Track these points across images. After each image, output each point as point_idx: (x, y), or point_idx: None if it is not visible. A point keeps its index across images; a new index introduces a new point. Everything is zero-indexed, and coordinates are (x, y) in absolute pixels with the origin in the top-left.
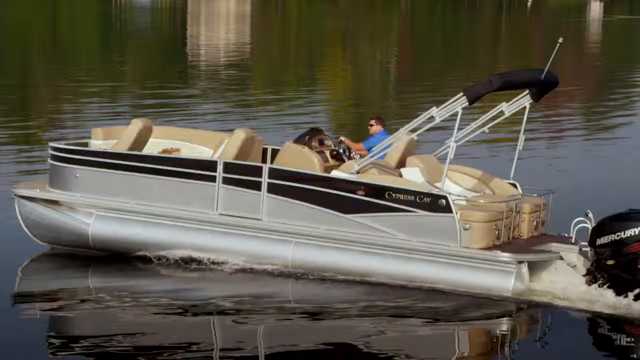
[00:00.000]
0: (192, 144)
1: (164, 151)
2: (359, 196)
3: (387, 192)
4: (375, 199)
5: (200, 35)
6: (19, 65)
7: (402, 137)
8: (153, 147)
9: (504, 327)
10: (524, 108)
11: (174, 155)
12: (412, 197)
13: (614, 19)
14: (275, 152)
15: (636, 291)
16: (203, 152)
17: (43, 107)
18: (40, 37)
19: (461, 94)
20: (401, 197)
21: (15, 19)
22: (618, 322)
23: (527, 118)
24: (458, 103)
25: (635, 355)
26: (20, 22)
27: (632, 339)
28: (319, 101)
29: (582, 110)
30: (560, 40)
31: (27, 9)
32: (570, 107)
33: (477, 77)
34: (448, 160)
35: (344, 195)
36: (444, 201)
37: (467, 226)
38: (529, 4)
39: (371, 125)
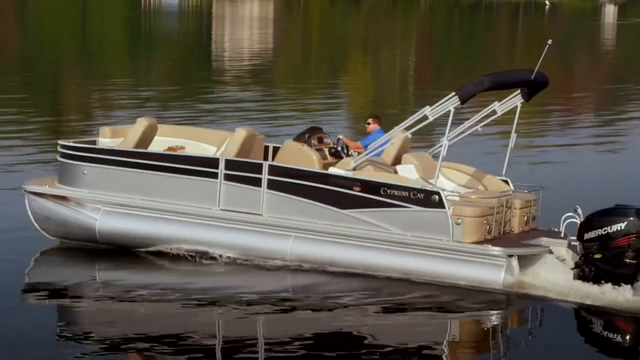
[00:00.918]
0: (196, 142)
1: (169, 149)
2: (355, 192)
3: (382, 188)
4: (371, 194)
5: (225, 37)
6: (47, 67)
7: (397, 135)
8: (158, 145)
9: (495, 318)
10: (516, 107)
11: (177, 152)
12: (407, 193)
13: (631, 22)
14: (276, 150)
15: (622, 284)
16: (207, 150)
17: (65, 107)
18: (69, 39)
19: (453, 93)
20: (396, 193)
21: (45, 22)
22: (604, 314)
23: (519, 117)
24: (450, 102)
25: (620, 346)
26: (49, 25)
27: (618, 330)
28: (339, 102)
29: (578, 109)
30: (550, 41)
31: (57, 13)
32: (566, 107)
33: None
34: (441, 158)
35: (340, 192)
36: (437, 197)
37: (459, 221)
38: (547, 7)
39: (368, 124)
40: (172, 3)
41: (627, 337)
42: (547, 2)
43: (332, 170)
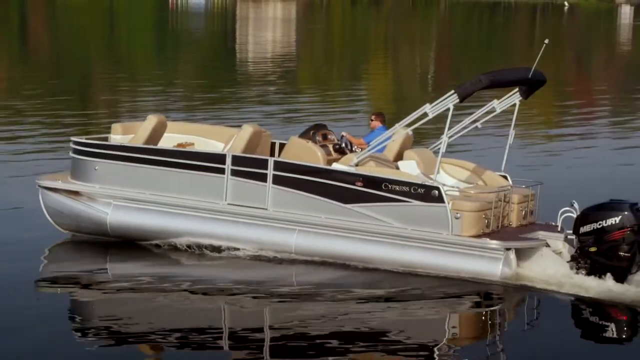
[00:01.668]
0: (205, 139)
1: (179, 145)
2: (358, 187)
3: (383, 183)
4: (373, 189)
5: (248, 38)
6: (74, 65)
7: (399, 132)
8: (168, 141)
9: (493, 309)
10: (514, 105)
11: (185, 149)
12: (407, 188)
13: None
14: (282, 146)
15: (616, 276)
16: (215, 147)
17: (88, 104)
18: (97, 38)
19: (452, 91)
20: (397, 188)
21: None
22: (599, 305)
23: (517, 114)
24: (449, 100)
25: (615, 336)
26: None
27: (613, 321)
28: (359, 100)
29: (574, 108)
30: (547, 41)
31: (85, 12)
32: (563, 105)
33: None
34: (441, 154)
35: (343, 186)
36: (436, 192)
37: (459, 215)
38: (566, 8)
39: (372, 121)
40: (199, 4)
41: (622, 327)
42: (566, 3)
43: (335, 166)
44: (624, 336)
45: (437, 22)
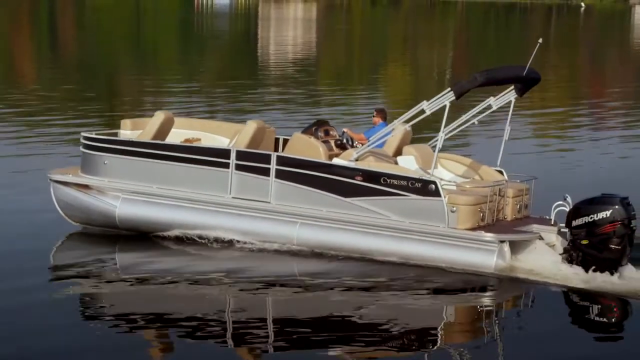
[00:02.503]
0: (211, 134)
1: (186, 140)
2: (357, 181)
3: (382, 178)
4: (372, 183)
5: (270, 37)
6: (101, 63)
7: (398, 128)
8: (175, 137)
9: (487, 300)
10: (510, 102)
11: (192, 144)
12: (405, 182)
13: None
14: (286, 142)
15: (607, 268)
16: (221, 142)
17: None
18: (124, 37)
19: (449, 89)
20: (395, 182)
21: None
22: (591, 296)
23: (513, 111)
24: (446, 97)
25: (605, 326)
26: (105, 23)
27: (604, 312)
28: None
29: (570, 105)
30: (540, 40)
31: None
32: (560, 103)
33: (543, 75)
34: (437, 149)
35: (343, 181)
36: (433, 186)
37: (454, 209)
38: (583, 8)
39: (373, 117)
40: (224, 4)
41: (612, 317)
42: (583, 4)
43: (336, 161)
44: (614, 326)
45: (455, 22)
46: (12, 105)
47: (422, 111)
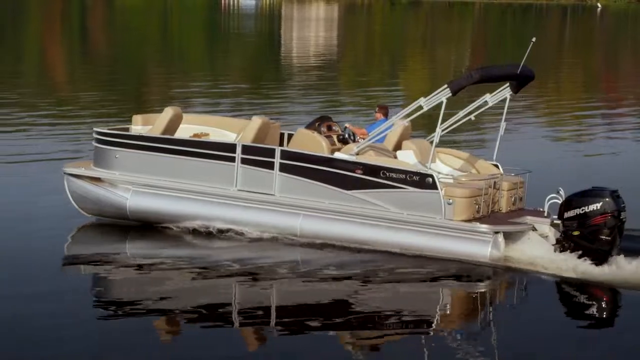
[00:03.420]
0: (219, 130)
1: (195, 135)
2: (358, 175)
3: (381, 171)
4: (372, 177)
5: (293, 37)
6: (128, 63)
7: (397, 123)
8: (185, 132)
9: (482, 289)
10: (505, 99)
11: (199, 138)
12: (403, 176)
13: None
14: (290, 137)
15: (598, 258)
16: (228, 137)
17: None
18: (151, 38)
19: (445, 85)
20: (394, 175)
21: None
22: (582, 285)
23: (508, 107)
24: (443, 94)
25: (595, 314)
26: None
27: (594, 300)
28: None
29: (567, 102)
30: (534, 39)
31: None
32: (557, 99)
33: (542, 74)
34: (434, 144)
35: (344, 174)
36: (430, 179)
37: (451, 201)
38: (599, 9)
39: (376, 113)
40: (250, 5)
41: (602, 306)
42: (599, 5)
43: (337, 155)
44: (604, 314)
45: (472, 22)
46: (36, 100)
47: (420, 107)
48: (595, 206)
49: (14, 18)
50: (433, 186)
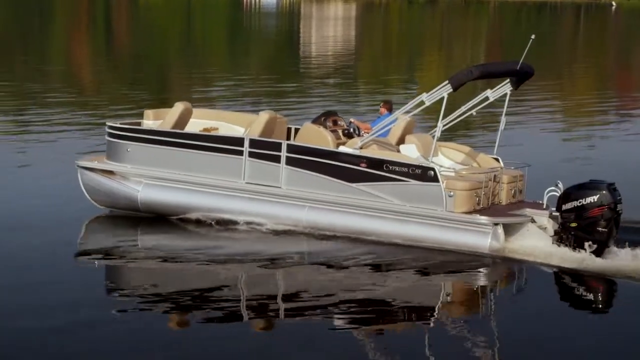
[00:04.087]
0: (228, 124)
1: (205, 129)
2: (362, 168)
3: (384, 165)
4: (375, 170)
5: (312, 35)
6: (151, 60)
7: (401, 117)
8: (195, 126)
9: (482, 279)
10: (506, 94)
11: (208, 133)
12: (406, 169)
13: None
14: (297, 131)
15: (595, 249)
16: (237, 131)
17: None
18: (176, 35)
19: (446, 82)
20: (396, 168)
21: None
22: (579, 276)
23: (508, 102)
24: (444, 89)
25: (592, 303)
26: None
27: (591, 290)
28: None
29: (567, 99)
30: (533, 36)
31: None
32: (558, 96)
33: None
34: (436, 138)
35: (349, 167)
36: (432, 172)
37: (452, 194)
38: (614, 7)
39: (380, 108)
40: (271, 3)
41: (598, 295)
42: (614, 3)
43: (342, 149)
44: (600, 303)
45: (487, 20)
46: (56, 95)
47: (422, 102)
48: (593, 199)
49: (40, 16)
50: (434, 179)
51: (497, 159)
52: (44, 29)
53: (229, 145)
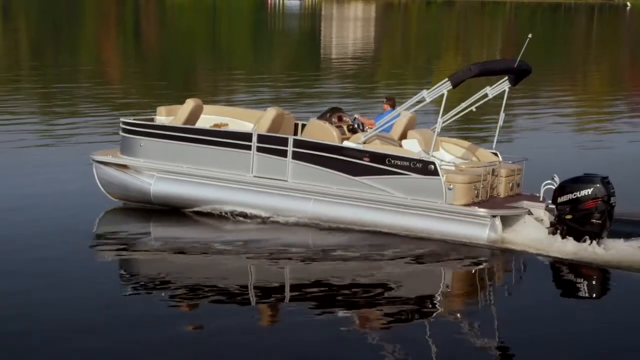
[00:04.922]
0: (238, 120)
1: (215, 125)
2: (365, 162)
3: (387, 159)
4: (378, 164)
5: (332, 34)
6: (177, 59)
7: (404, 114)
8: (205, 122)
9: (480, 269)
10: (504, 91)
11: (218, 128)
12: (407, 163)
13: None
14: (304, 127)
15: (589, 240)
16: (246, 127)
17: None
18: (201, 35)
19: (446, 79)
20: (398, 162)
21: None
22: (574, 266)
23: (507, 99)
24: (444, 87)
25: (587, 292)
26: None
27: (585, 279)
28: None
29: (562, 95)
30: (530, 35)
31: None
32: (554, 92)
33: (569, 70)
34: (435, 134)
35: (352, 161)
36: (432, 166)
37: (451, 187)
38: (628, 8)
39: (384, 104)
40: (294, 4)
41: (593, 285)
42: (628, 4)
43: (346, 144)
44: (594, 293)
45: (503, 21)
46: (79, 92)
47: (423, 99)
48: (587, 191)
49: (69, 17)
50: (435, 173)
51: (495, 154)
52: (72, 28)
53: (238, 140)
